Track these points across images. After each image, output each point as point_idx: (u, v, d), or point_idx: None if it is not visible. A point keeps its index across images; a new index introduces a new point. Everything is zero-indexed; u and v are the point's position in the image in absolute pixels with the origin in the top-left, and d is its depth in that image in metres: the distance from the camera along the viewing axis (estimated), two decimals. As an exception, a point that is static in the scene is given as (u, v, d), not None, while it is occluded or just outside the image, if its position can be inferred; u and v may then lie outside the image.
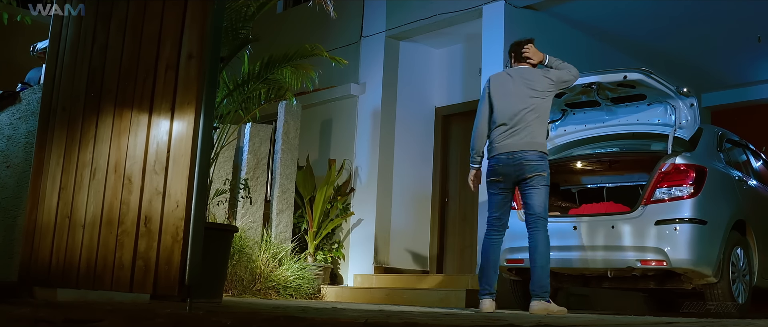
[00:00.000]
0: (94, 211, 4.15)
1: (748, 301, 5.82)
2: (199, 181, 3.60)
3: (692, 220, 5.42)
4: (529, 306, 5.25)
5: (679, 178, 5.52)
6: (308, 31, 9.92)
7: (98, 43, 4.47)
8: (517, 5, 8.27)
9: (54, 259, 4.35)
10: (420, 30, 9.20)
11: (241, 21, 5.72)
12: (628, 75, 5.87)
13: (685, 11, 8.56)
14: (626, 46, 9.46)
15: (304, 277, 7.67)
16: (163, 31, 4.01)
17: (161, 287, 3.62)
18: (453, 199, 9.44)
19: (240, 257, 7.20)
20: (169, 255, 3.58)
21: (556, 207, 6.40)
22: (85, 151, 4.36)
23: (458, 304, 7.07)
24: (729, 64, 10.07)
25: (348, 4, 9.60)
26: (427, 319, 3.58)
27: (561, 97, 6.36)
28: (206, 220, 4.55)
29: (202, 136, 3.64)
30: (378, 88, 9.26)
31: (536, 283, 5.22)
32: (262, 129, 8.24)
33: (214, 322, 2.83)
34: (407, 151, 9.37)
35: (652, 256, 5.46)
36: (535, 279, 5.24)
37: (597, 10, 8.53)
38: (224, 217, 7.62)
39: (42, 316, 2.79)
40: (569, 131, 6.60)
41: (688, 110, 6.02)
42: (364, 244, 8.89)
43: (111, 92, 4.27)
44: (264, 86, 6.24)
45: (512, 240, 6.11)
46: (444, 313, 4.78)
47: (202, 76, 3.68)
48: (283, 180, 8.27)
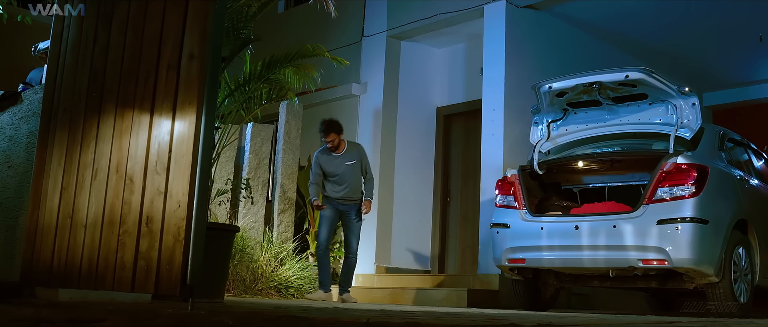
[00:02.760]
0: (96, 211, 4.15)
1: (749, 300, 5.82)
2: (201, 181, 3.60)
3: (694, 219, 5.41)
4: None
5: (681, 178, 5.51)
6: (309, 30, 9.93)
7: (99, 43, 4.47)
8: (518, 5, 8.27)
9: (56, 259, 4.35)
10: (421, 30, 9.20)
11: (242, 21, 5.73)
12: (629, 74, 5.87)
13: (687, 10, 8.55)
14: (627, 45, 9.46)
15: (306, 276, 7.67)
16: (165, 32, 4.01)
17: (163, 287, 3.62)
18: (454, 198, 9.44)
19: (241, 257, 7.21)
20: (171, 255, 3.59)
21: (557, 207, 6.40)
22: (86, 151, 4.36)
23: (460, 303, 7.07)
24: (730, 63, 10.06)
25: (349, 4, 9.61)
26: (429, 318, 3.58)
27: (563, 96, 6.36)
28: (208, 220, 4.55)
29: (204, 136, 3.64)
30: (379, 87, 9.26)
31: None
32: (263, 129, 8.24)
33: (215, 322, 2.83)
34: (409, 151, 9.37)
35: (654, 255, 5.45)
36: None
37: (598, 9, 8.52)
38: (226, 217, 7.62)
39: (44, 316, 2.79)
40: (571, 131, 6.60)
41: (690, 109, 6.01)
42: (366, 243, 8.88)
43: (112, 92, 4.27)
44: (265, 86, 6.25)
45: (513, 240, 6.11)
46: (446, 313, 4.78)
47: (203, 76, 3.68)
48: (285, 180, 8.28)
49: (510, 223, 6.16)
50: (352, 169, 7.36)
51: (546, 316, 4.60)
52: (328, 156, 7.38)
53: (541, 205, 6.41)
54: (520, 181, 6.27)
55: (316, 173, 7.44)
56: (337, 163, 7.36)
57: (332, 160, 7.36)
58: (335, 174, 7.33)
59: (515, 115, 7.92)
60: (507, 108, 7.95)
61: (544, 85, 6.28)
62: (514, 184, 6.28)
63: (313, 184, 7.47)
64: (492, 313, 5.05)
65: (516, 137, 7.85)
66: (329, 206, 7.37)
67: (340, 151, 7.37)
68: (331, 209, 7.37)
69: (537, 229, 6.02)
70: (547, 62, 8.25)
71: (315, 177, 7.44)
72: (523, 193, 6.20)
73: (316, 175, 7.44)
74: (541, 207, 6.38)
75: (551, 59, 8.37)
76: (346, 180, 7.32)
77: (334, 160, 7.36)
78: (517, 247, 6.08)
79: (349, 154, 7.41)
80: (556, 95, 6.35)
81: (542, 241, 5.98)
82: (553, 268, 6.05)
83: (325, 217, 7.39)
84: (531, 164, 6.40)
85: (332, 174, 7.34)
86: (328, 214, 7.37)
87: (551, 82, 6.25)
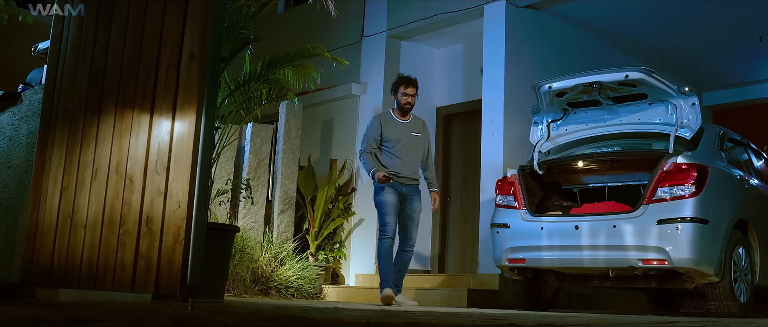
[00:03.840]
0: (96, 212, 4.15)
1: (749, 300, 5.82)
2: (201, 181, 3.60)
3: (694, 219, 5.41)
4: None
5: (681, 178, 5.51)
6: (309, 30, 9.93)
7: (99, 43, 4.47)
8: (518, 5, 8.27)
9: (56, 260, 4.35)
10: (421, 30, 9.21)
11: (242, 21, 5.72)
12: (629, 74, 5.87)
13: (687, 10, 8.55)
14: (627, 45, 9.46)
15: (306, 276, 7.67)
16: (165, 32, 4.01)
17: (163, 287, 3.62)
18: (454, 198, 9.44)
19: (241, 257, 7.21)
20: (171, 255, 3.59)
21: (557, 206, 6.40)
22: (86, 151, 4.36)
23: (460, 303, 7.07)
24: (730, 63, 10.07)
25: (349, 4, 9.61)
26: (429, 318, 3.58)
27: (562, 96, 6.36)
28: (208, 220, 4.55)
29: (204, 136, 3.64)
30: (379, 87, 9.27)
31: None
32: (263, 129, 8.24)
33: (215, 322, 2.83)
34: (408, 151, 9.36)
35: (654, 255, 5.46)
36: None
37: (598, 9, 8.53)
38: (226, 217, 7.62)
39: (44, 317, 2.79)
40: (570, 131, 6.60)
41: (690, 109, 6.01)
42: (366, 243, 8.89)
43: (112, 92, 4.27)
44: (265, 86, 6.24)
45: (513, 239, 6.11)
46: (446, 313, 4.78)
47: (203, 76, 3.68)
48: (285, 180, 8.28)
49: (510, 223, 6.16)
50: (415, 142, 6.41)
51: (546, 316, 4.60)
52: (392, 120, 6.41)
53: (541, 205, 6.41)
54: (520, 181, 6.27)
55: (373, 138, 6.33)
56: (402, 129, 6.38)
57: (397, 125, 6.39)
58: (399, 141, 6.32)
59: (515, 115, 7.92)
60: (507, 108, 7.95)
61: (544, 85, 6.28)
62: (514, 184, 6.28)
63: (366, 153, 6.33)
64: (492, 313, 5.04)
65: (516, 137, 7.85)
66: (390, 189, 6.26)
67: (406, 118, 6.46)
68: (393, 193, 6.26)
69: (537, 229, 6.02)
70: (546, 62, 8.25)
71: (370, 144, 6.33)
72: (523, 193, 6.20)
73: (371, 141, 6.33)
74: (541, 207, 6.38)
75: (551, 59, 8.37)
76: (408, 154, 6.34)
77: (400, 125, 6.40)
78: (517, 247, 6.08)
79: (415, 126, 6.48)
80: (556, 95, 6.36)
81: (542, 241, 5.98)
82: (553, 268, 6.05)
83: (390, 204, 6.24)
84: (531, 164, 6.40)
85: (396, 141, 6.31)
86: (392, 199, 6.24)
87: (551, 82, 6.25)
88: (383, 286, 6.24)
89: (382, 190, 6.25)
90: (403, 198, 6.31)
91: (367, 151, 6.32)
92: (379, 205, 6.29)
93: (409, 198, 6.32)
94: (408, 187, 6.32)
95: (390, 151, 6.32)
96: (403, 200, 6.32)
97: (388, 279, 6.22)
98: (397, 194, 6.27)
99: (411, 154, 6.36)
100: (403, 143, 6.32)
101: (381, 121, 6.37)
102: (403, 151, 6.32)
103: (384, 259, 6.23)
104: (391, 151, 6.32)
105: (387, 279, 6.22)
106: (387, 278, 6.23)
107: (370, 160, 6.30)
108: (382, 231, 6.27)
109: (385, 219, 6.23)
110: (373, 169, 6.25)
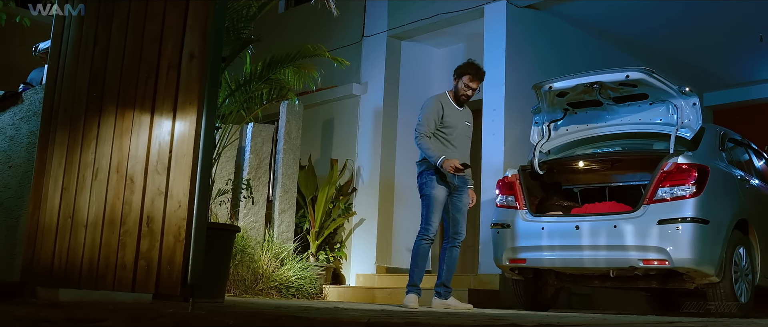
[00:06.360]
0: (97, 211, 4.15)
1: (750, 300, 5.82)
2: (201, 181, 3.60)
3: (694, 219, 5.41)
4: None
5: (682, 178, 5.51)
6: (310, 31, 9.93)
7: (100, 43, 4.47)
8: (518, 5, 8.27)
9: (56, 259, 4.35)
10: (422, 30, 9.21)
11: (242, 21, 5.73)
12: (630, 74, 5.87)
13: (688, 10, 8.55)
14: (628, 45, 9.46)
15: (307, 277, 7.67)
16: (165, 32, 4.01)
17: (163, 287, 3.62)
18: (455, 198, 9.43)
19: (242, 257, 7.21)
20: (172, 255, 3.58)
21: (558, 207, 6.40)
22: (87, 151, 4.36)
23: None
24: (731, 64, 10.07)
25: (350, 4, 9.61)
26: (430, 318, 3.58)
27: (563, 96, 6.36)
28: (208, 220, 4.55)
29: (204, 136, 3.64)
30: (380, 87, 9.27)
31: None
32: (264, 129, 8.24)
33: (216, 322, 2.83)
34: (409, 151, 9.35)
35: (655, 255, 5.45)
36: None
37: (599, 9, 8.53)
38: (226, 217, 7.62)
39: (44, 316, 2.79)
40: (571, 131, 6.60)
41: (690, 109, 6.01)
42: (367, 243, 8.89)
43: (113, 92, 4.27)
44: (266, 86, 6.24)
45: (514, 239, 6.12)
46: (446, 313, 4.78)
47: (204, 76, 3.68)
48: (285, 180, 8.28)
49: (510, 223, 6.16)
50: (468, 132, 6.00)
51: (546, 316, 4.60)
52: (451, 104, 5.93)
53: (542, 205, 6.41)
54: (520, 181, 6.27)
55: (433, 120, 5.78)
56: (459, 116, 5.93)
57: (456, 110, 5.92)
58: (455, 127, 5.85)
59: (515, 115, 7.92)
60: (507, 108, 7.95)
61: (545, 85, 6.28)
62: (515, 184, 6.28)
63: (426, 137, 5.74)
64: (492, 313, 5.04)
65: (516, 137, 7.85)
66: (443, 182, 5.75)
67: (460, 106, 6.00)
68: (445, 186, 5.77)
69: (537, 229, 6.02)
70: (547, 62, 8.25)
71: (430, 126, 5.77)
72: (523, 193, 6.20)
73: (430, 124, 5.77)
74: (542, 207, 6.38)
75: (551, 59, 8.37)
76: (462, 143, 5.90)
77: (457, 111, 5.94)
78: (517, 247, 6.08)
79: (467, 115, 6.03)
80: (556, 95, 6.36)
81: (543, 241, 5.98)
82: (554, 268, 6.05)
83: (440, 202, 5.75)
84: (531, 164, 6.40)
85: (453, 127, 5.85)
86: (443, 195, 5.76)
87: (552, 82, 6.25)
88: (410, 291, 5.75)
89: (433, 182, 5.71)
90: (454, 190, 5.83)
91: (426, 134, 5.74)
92: (427, 199, 5.74)
93: (460, 189, 5.84)
94: (460, 178, 5.81)
95: (446, 137, 5.80)
96: (454, 192, 5.84)
97: (418, 283, 5.77)
98: (448, 188, 5.79)
99: (464, 143, 5.93)
100: (458, 130, 5.87)
101: (442, 104, 5.85)
102: (458, 139, 5.85)
103: (418, 262, 5.78)
104: (446, 138, 5.80)
105: (417, 283, 5.77)
106: (417, 282, 5.77)
107: (433, 144, 5.72)
108: (424, 229, 5.75)
109: (431, 217, 5.71)
110: (441, 157, 5.65)
